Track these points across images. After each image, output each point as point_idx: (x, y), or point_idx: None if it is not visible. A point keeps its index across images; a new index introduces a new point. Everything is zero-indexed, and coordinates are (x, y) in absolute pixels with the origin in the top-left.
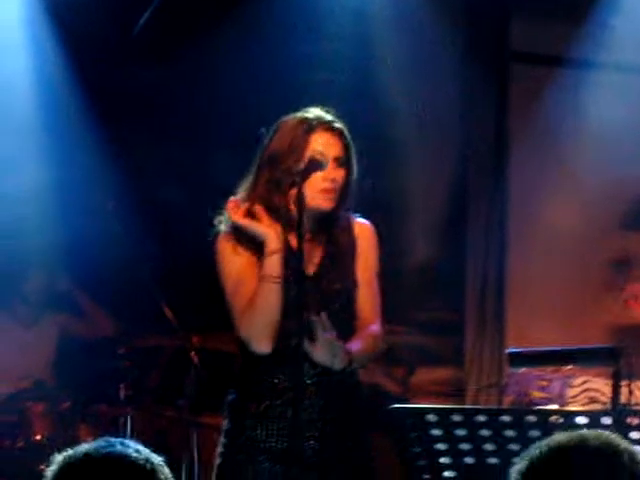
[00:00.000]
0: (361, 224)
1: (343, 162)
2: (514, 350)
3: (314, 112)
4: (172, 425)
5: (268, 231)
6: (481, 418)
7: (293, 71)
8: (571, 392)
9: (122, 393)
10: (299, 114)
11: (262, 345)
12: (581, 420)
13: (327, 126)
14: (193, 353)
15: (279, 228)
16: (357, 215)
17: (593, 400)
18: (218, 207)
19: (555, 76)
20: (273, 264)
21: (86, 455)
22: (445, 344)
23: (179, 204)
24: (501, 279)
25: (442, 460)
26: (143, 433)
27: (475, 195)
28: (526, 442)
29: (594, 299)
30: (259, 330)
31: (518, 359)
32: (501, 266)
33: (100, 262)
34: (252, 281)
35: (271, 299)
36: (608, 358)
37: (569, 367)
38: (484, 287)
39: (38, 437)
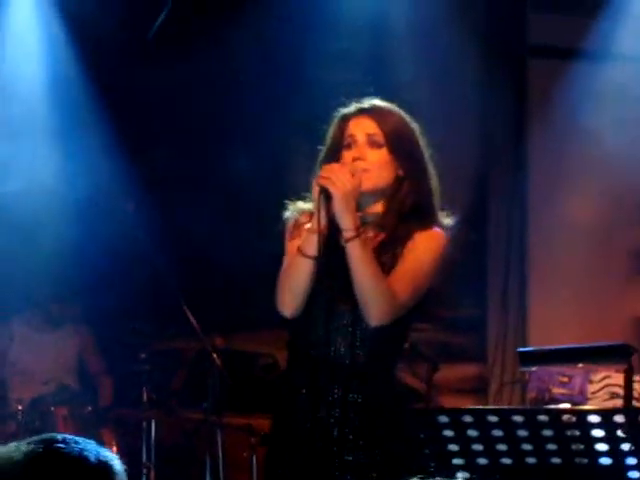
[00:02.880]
0: (423, 233)
1: (380, 143)
2: (523, 349)
3: (361, 104)
4: (197, 427)
5: (315, 212)
6: (493, 418)
7: (313, 70)
8: (592, 388)
9: (145, 396)
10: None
11: (281, 305)
12: (594, 419)
13: (360, 110)
14: (216, 355)
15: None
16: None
17: (614, 395)
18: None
19: (573, 69)
20: (307, 241)
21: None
22: (468, 341)
23: (199, 207)
24: (523, 275)
25: (455, 461)
26: (168, 436)
27: (496, 190)
28: (539, 442)
29: (619, 292)
30: (281, 291)
31: (528, 358)
32: (523, 261)
33: (120, 265)
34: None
35: (298, 269)
36: (619, 356)
37: (580, 365)
38: (506, 283)
39: None
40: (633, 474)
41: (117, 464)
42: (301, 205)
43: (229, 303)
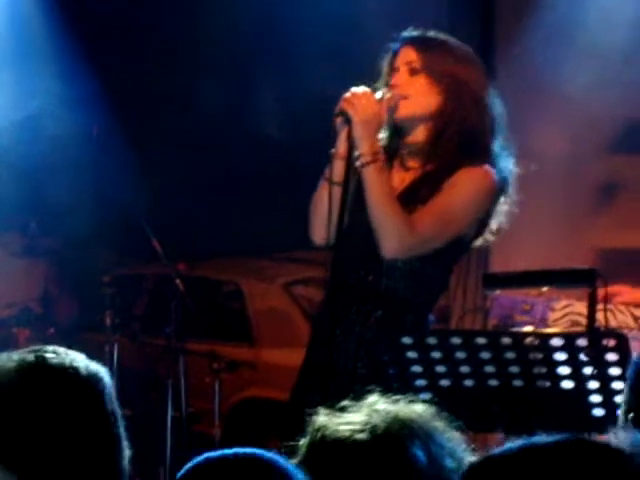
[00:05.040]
0: (466, 170)
1: (417, 69)
2: (488, 273)
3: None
4: (160, 352)
5: (340, 136)
6: (456, 340)
7: None
8: (553, 315)
9: (108, 321)
10: None
11: (312, 234)
12: (556, 342)
13: (403, 39)
14: (179, 280)
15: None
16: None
17: (575, 323)
18: None
19: None
20: (331, 166)
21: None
22: None
23: (162, 129)
24: None
25: (418, 383)
26: (130, 360)
27: None
28: (502, 364)
29: (581, 224)
30: (311, 219)
31: (492, 281)
32: None
33: (83, 190)
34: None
35: (322, 195)
36: (583, 280)
37: (545, 289)
38: None
39: None
40: (594, 398)
41: (106, 376)
42: None
43: (194, 230)
